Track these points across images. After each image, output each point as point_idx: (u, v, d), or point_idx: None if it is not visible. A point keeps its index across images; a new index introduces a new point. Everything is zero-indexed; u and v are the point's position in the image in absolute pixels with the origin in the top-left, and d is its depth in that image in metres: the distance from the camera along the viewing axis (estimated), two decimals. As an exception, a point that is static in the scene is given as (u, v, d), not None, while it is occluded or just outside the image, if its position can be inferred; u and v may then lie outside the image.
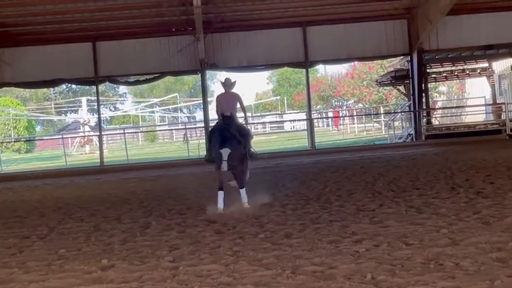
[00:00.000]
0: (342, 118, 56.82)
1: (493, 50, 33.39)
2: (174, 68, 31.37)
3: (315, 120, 33.29)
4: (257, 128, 59.99)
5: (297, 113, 63.27)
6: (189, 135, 43.92)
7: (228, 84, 13.39)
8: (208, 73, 33.26)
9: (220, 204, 12.46)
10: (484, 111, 39.18)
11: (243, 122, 13.91)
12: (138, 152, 42.48)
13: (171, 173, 23.85)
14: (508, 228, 8.56)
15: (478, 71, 39.81)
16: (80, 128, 61.13)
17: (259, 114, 73.64)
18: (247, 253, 8.22)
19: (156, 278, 7.19)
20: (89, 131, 55.93)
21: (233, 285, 6.66)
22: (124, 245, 9.52)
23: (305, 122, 33.09)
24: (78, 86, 62.68)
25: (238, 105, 13.50)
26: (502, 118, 32.97)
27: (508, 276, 6.20)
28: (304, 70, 33.25)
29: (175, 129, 62.28)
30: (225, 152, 12.33)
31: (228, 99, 13.36)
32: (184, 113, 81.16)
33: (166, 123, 71.43)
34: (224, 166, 12.25)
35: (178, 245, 9.13)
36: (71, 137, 57.74)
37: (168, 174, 23.43)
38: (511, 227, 8.58)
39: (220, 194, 12.53)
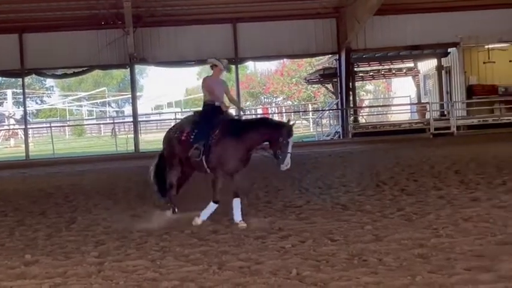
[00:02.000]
0: (270, 115, 57.03)
1: (418, 51, 34.11)
2: (102, 61, 31.01)
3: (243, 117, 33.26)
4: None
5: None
6: (117, 130, 43.46)
7: (227, 68, 11.13)
8: (138, 67, 33.00)
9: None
10: (409, 111, 39.91)
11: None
12: (65, 146, 41.80)
13: (99, 168, 23.57)
14: (430, 225, 8.77)
15: (404, 70, 40.53)
16: (4, 121, 59.80)
17: (188, 109, 73.29)
18: (174, 249, 8.22)
19: (81, 274, 7.12)
20: (14, 124, 54.75)
21: (159, 280, 6.65)
22: (48, 240, 9.39)
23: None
24: (4, 78, 61.38)
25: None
26: (426, 117, 33.64)
27: (429, 272, 6.35)
28: (233, 66, 33.28)
29: (103, 124, 61.50)
30: None
31: (220, 86, 11.06)
32: (112, 107, 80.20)
33: (94, 117, 70.47)
34: None
35: (104, 241, 9.06)
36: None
37: (96, 169, 23.15)
38: (433, 224, 8.79)
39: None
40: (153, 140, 31.78)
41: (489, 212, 9.46)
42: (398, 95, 45.76)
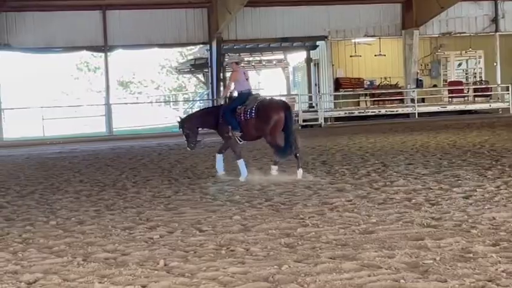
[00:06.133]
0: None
1: (288, 43, 34.69)
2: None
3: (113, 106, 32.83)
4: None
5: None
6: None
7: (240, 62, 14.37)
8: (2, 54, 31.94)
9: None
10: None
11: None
12: None
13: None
14: (297, 215, 8.91)
15: (274, 62, 41.13)
16: None
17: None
18: (38, 240, 7.97)
19: None
20: None
21: (20, 273, 6.43)
22: None
23: (103, 107, 32.59)
24: None
25: None
26: (295, 109, 34.23)
27: (295, 261, 6.44)
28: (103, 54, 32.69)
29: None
30: None
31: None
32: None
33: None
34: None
35: (-39, 233, 8.67)
36: None
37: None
38: (300, 214, 8.93)
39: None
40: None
41: (353, 202, 9.70)
42: (268, 87, 46.30)
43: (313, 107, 34.66)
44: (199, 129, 14.09)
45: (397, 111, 33.00)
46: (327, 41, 33.37)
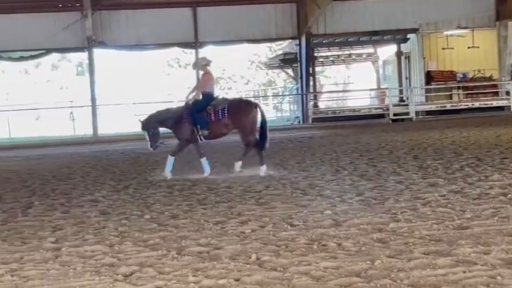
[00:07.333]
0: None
1: (378, 36, 34.32)
2: (60, 45, 30.66)
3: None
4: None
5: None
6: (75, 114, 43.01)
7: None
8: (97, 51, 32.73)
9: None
10: (369, 96, 40.17)
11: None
12: (22, 130, 41.24)
13: (56, 152, 23.31)
14: (389, 210, 8.81)
15: (364, 56, 40.77)
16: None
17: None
18: (133, 234, 8.13)
19: (38, 259, 7.01)
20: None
21: (117, 266, 6.58)
22: (5, 225, 9.23)
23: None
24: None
25: None
26: (386, 103, 33.89)
27: (388, 256, 6.37)
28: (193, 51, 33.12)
29: (61, 108, 60.72)
30: None
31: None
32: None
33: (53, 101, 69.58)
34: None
35: (61, 226, 8.93)
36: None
37: (53, 153, 22.89)
38: (392, 209, 8.83)
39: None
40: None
41: (447, 197, 9.53)
42: (358, 81, 45.98)
43: (404, 100, 34.22)
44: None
45: (491, 104, 32.23)
46: (418, 33, 32.92)
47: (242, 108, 13.95)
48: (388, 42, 36.35)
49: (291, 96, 38.80)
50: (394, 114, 30.97)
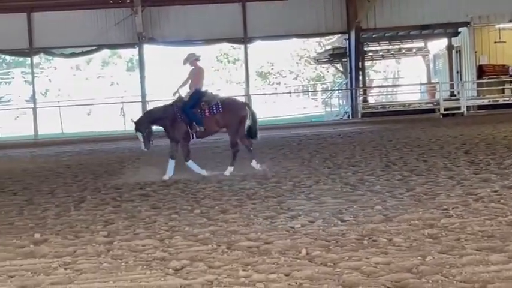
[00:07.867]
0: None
1: (428, 30, 33.93)
2: (111, 41, 31.01)
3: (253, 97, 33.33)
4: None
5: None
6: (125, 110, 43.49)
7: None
8: (146, 47, 33.04)
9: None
10: (419, 91, 39.79)
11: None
12: (74, 125, 41.83)
13: (107, 147, 23.58)
14: (440, 205, 8.72)
15: (414, 50, 40.36)
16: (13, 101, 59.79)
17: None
18: (183, 228, 8.19)
19: (90, 253, 7.11)
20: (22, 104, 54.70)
21: (168, 260, 6.63)
22: (58, 219, 9.38)
23: (243, 98, 33.07)
24: (12, 58, 61.30)
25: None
26: (436, 97, 33.54)
27: (439, 252, 6.31)
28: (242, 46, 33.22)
29: (112, 103, 61.42)
30: None
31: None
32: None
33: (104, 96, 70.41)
34: None
35: (113, 220, 9.04)
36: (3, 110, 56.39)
37: (104, 149, 23.16)
38: (443, 205, 8.73)
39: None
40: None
41: (500, 193, 9.39)
42: (408, 75, 45.57)
43: (455, 95, 33.82)
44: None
45: (545, 98, 31.68)
46: (469, 27, 32.47)
47: (234, 107, 14.00)
48: (439, 36, 35.91)
49: (340, 91, 38.62)
50: (445, 109, 30.64)
